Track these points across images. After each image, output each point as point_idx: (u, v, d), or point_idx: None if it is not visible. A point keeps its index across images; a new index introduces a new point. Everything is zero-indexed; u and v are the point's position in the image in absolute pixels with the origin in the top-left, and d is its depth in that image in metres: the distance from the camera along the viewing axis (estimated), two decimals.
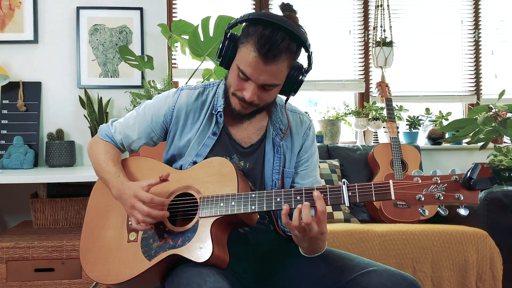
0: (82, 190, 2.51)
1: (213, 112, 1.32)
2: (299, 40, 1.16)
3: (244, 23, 1.20)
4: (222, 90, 1.33)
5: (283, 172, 1.34)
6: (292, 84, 1.23)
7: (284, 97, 1.33)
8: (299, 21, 1.20)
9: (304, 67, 1.22)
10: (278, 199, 1.12)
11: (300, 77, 1.22)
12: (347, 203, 1.06)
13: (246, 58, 1.16)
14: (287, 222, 1.09)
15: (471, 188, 1.00)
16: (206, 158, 1.29)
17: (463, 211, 1.01)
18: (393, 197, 1.04)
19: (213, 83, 1.38)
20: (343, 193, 1.07)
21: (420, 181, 1.04)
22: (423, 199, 1.02)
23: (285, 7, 1.22)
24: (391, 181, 1.05)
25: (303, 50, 1.20)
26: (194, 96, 1.34)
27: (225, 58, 1.22)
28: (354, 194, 1.07)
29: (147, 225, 1.18)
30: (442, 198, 1.01)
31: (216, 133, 1.31)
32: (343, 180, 1.10)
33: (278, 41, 1.11)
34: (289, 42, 1.14)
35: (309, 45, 1.19)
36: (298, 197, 1.11)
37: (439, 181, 1.02)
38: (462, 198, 1.00)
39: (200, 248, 1.12)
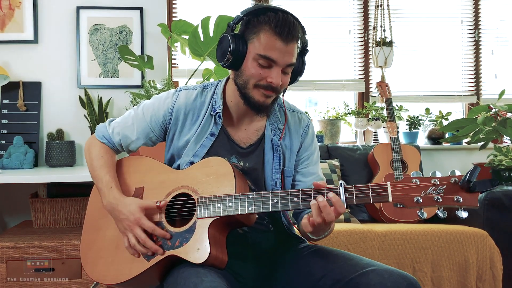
0: (82, 190, 2.51)
1: (212, 113, 1.32)
2: (300, 23, 1.24)
3: (244, 18, 1.24)
4: (220, 91, 1.33)
5: (283, 172, 1.34)
6: (299, 66, 1.29)
7: (280, 97, 1.36)
8: None
9: (303, 50, 1.30)
10: (275, 200, 1.12)
11: (303, 59, 1.31)
12: (345, 206, 1.06)
13: (267, 44, 1.19)
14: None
15: (471, 191, 0.97)
16: (203, 158, 1.29)
17: (463, 214, 0.98)
18: (390, 199, 1.02)
19: (211, 84, 1.38)
20: (340, 195, 1.06)
21: (418, 183, 1.02)
22: (421, 201, 1.00)
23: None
24: (388, 183, 1.03)
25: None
26: (192, 97, 1.35)
27: (237, 56, 1.22)
28: (351, 196, 1.06)
29: (136, 252, 1.19)
30: (441, 200, 0.99)
31: (214, 134, 1.31)
32: (340, 182, 1.08)
33: (291, 22, 1.20)
34: (297, 24, 1.22)
35: (304, 28, 1.29)
36: (295, 199, 1.10)
37: (438, 183, 1.00)
38: (461, 201, 0.98)
39: (198, 249, 1.12)
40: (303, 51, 1.30)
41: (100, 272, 1.24)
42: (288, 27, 1.19)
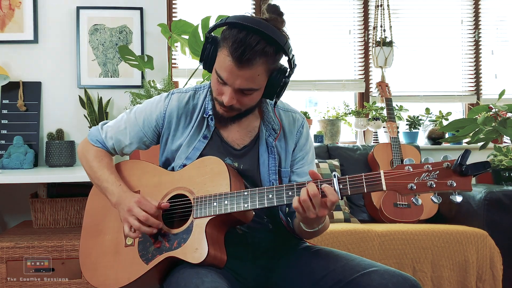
0: (82, 190, 2.51)
1: (204, 115, 1.31)
2: (276, 44, 1.12)
3: (223, 27, 1.18)
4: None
5: (280, 172, 1.33)
6: (274, 88, 1.21)
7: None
8: (283, 24, 1.18)
9: (286, 70, 1.20)
10: (270, 196, 1.12)
11: (283, 80, 1.19)
12: (338, 196, 1.06)
13: (222, 62, 1.15)
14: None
15: (464, 174, 0.98)
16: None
17: (457, 198, 0.99)
18: (384, 187, 1.02)
19: (203, 86, 1.37)
20: (334, 186, 1.06)
21: (411, 170, 1.02)
22: (415, 188, 1.01)
23: (270, 9, 1.19)
24: (382, 172, 1.04)
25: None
26: (185, 100, 1.34)
27: (207, 61, 1.21)
28: (345, 186, 1.06)
29: (139, 233, 1.18)
30: (434, 185, 1.00)
31: (207, 136, 1.31)
32: (333, 173, 1.08)
33: (251, 44, 1.09)
34: (264, 46, 1.11)
35: (289, 48, 1.16)
36: (290, 193, 1.11)
37: (430, 169, 1.01)
38: (455, 185, 0.99)
39: (196, 249, 1.12)
40: (281, 70, 1.18)
41: (100, 278, 1.25)
42: (243, 50, 1.08)
